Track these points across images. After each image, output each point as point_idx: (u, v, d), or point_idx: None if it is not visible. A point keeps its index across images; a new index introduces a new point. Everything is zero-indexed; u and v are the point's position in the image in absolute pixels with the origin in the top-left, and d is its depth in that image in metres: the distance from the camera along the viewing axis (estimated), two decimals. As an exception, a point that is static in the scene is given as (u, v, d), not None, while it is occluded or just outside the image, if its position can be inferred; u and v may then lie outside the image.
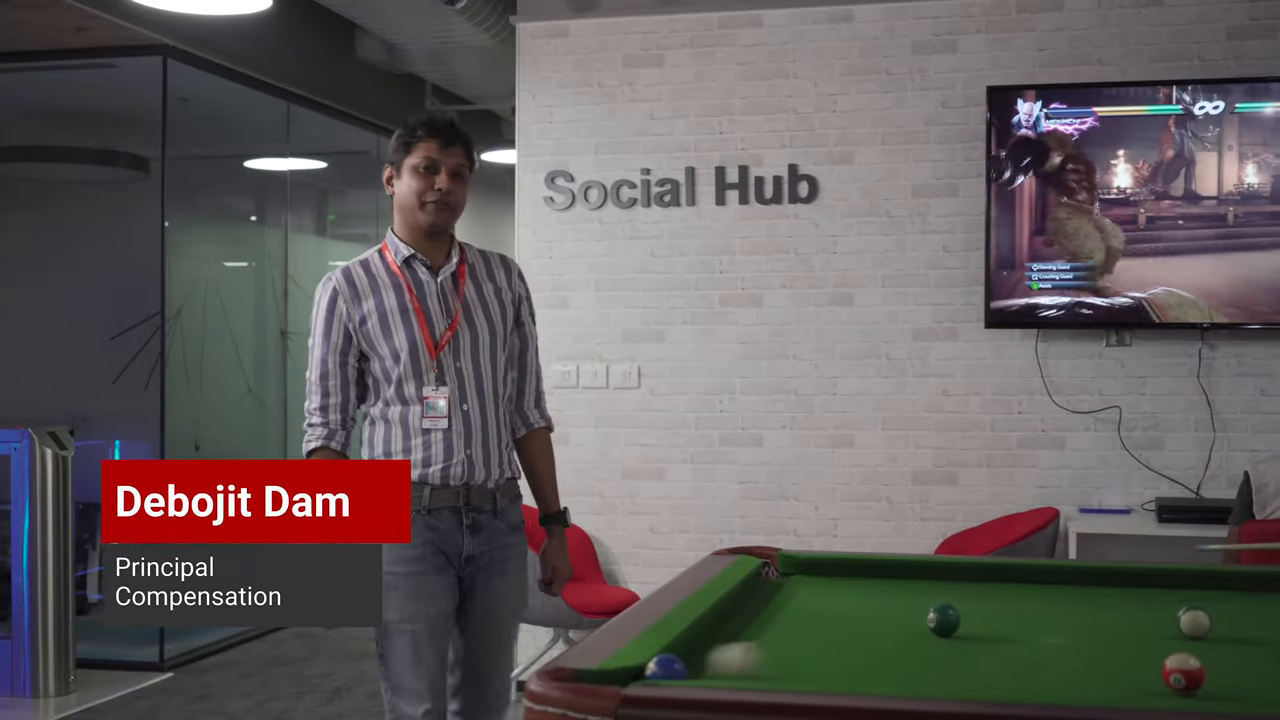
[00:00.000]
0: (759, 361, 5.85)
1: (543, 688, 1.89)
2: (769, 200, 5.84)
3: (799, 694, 1.90)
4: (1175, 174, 5.40)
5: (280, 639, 6.84)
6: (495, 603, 3.22)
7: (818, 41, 5.81)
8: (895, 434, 5.73)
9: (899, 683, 2.10)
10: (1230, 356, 5.47)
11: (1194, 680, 1.96)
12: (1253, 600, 2.82)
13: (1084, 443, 5.56)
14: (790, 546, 3.57)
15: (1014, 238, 5.50)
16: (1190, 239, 5.39)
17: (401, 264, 3.24)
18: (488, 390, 3.24)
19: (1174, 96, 5.37)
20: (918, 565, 3.24)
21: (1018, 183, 5.49)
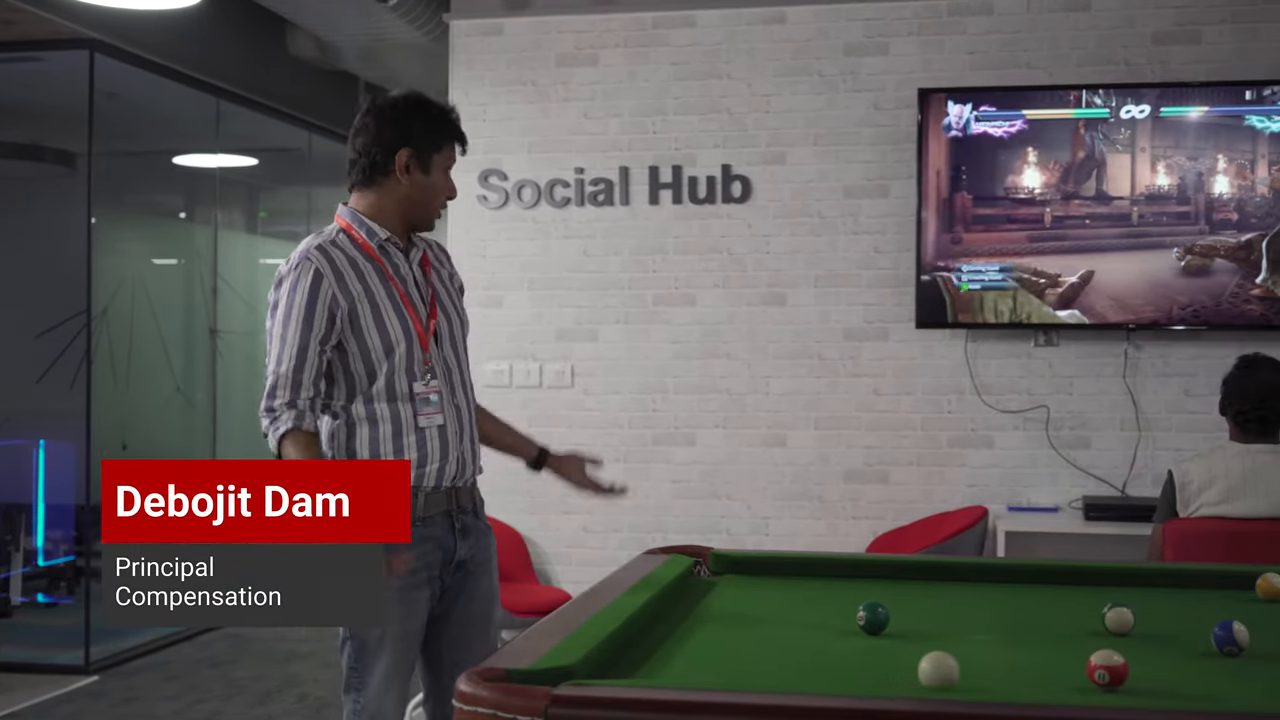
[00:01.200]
0: (692, 361, 5.86)
1: (472, 688, 1.88)
2: (702, 200, 5.85)
3: (728, 693, 1.90)
4: (1086, 175, 5.47)
5: (207, 641, 6.77)
6: (483, 607, 3.06)
7: (751, 42, 5.83)
8: (827, 433, 5.76)
9: (828, 681, 2.11)
10: (1155, 357, 5.55)
11: (1118, 676, 1.98)
12: (1175, 596, 2.86)
13: (1013, 442, 5.63)
14: (723, 545, 3.58)
15: (944, 238, 5.55)
16: (1104, 238, 5.47)
17: (377, 247, 2.98)
18: (466, 381, 3.09)
19: (1101, 100, 5.44)
20: (848, 564, 3.25)
21: (948, 184, 5.54)
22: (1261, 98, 5.35)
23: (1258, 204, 5.37)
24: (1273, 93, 5.35)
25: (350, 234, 2.99)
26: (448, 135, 3.03)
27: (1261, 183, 5.36)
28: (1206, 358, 5.41)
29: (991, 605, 2.82)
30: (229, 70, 7.04)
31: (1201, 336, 5.47)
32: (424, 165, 3.00)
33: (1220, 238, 5.39)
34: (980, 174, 5.53)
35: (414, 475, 2.91)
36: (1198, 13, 5.53)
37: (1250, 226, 5.36)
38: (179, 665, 6.29)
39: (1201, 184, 5.40)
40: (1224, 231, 5.39)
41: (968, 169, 5.53)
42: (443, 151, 3.02)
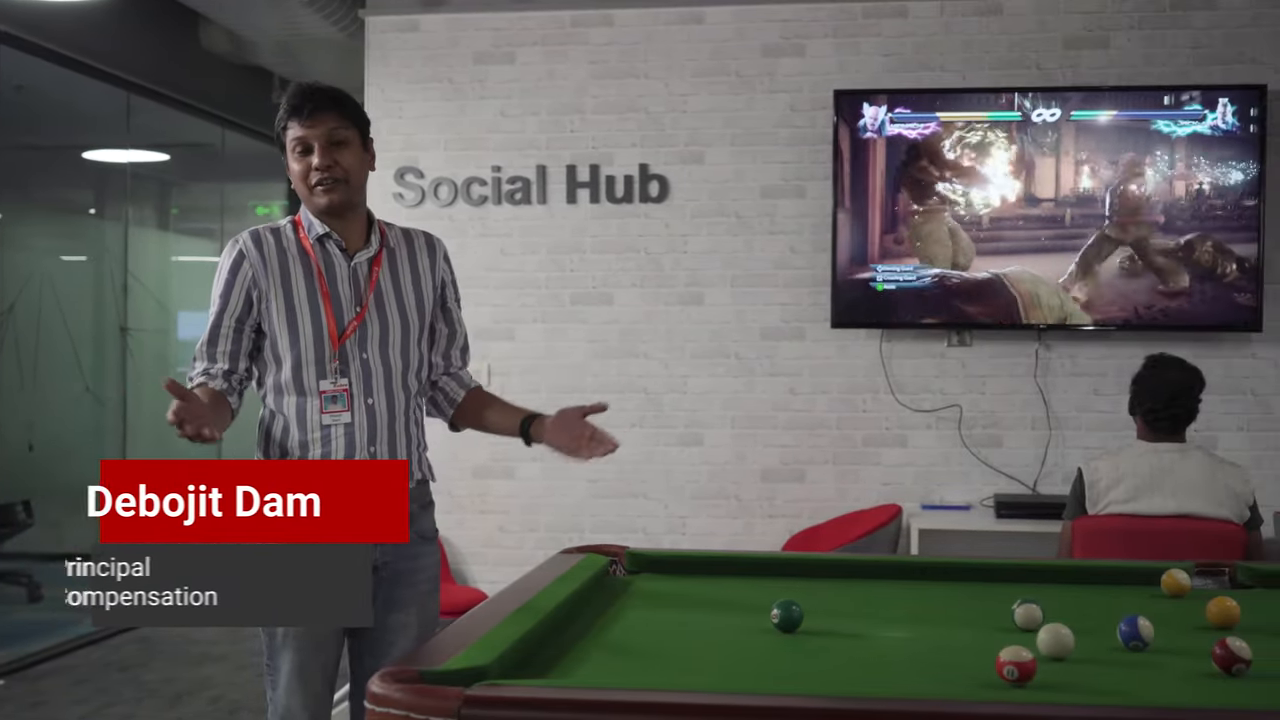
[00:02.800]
0: (609, 360, 5.86)
1: (384, 689, 1.86)
2: (620, 199, 5.86)
3: (642, 691, 1.90)
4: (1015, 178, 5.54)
5: (117, 644, 6.65)
6: (401, 617, 2.99)
7: (669, 42, 5.84)
8: (743, 432, 5.79)
9: (741, 679, 2.12)
10: (1065, 357, 5.64)
11: (1026, 672, 2.01)
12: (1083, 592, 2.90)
13: (926, 441, 5.69)
14: (639, 544, 3.58)
15: (861, 239, 5.59)
16: (1018, 240, 5.54)
17: (314, 242, 2.97)
18: (396, 385, 3.00)
19: (1014, 103, 5.52)
20: (763, 562, 3.27)
21: (864, 185, 5.59)
22: (1170, 103, 5.45)
23: (1165, 208, 5.47)
24: (1183, 98, 5.45)
25: (298, 228, 3.01)
26: (282, 119, 2.98)
27: (1168, 187, 5.46)
28: (1115, 358, 5.51)
29: (904, 602, 2.85)
30: (140, 64, 6.92)
31: (1111, 337, 5.56)
32: (284, 155, 3.00)
33: (1129, 240, 5.49)
34: (895, 176, 5.58)
35: None
36: (1106, 18, 5.63)
37: (1157, 230, 5.46)
38: (87, 669, 6.18)
39: (1111, 188, 5.49)
40: (1132, 234, 5.49)
41: (884, 170, 5.58)
42: (286, 137, 2.97)
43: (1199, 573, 3.01)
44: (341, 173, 2.95)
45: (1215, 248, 5.44)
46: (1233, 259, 5.42)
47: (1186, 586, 2.85)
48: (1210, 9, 5.58)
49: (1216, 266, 5.44)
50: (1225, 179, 5.43)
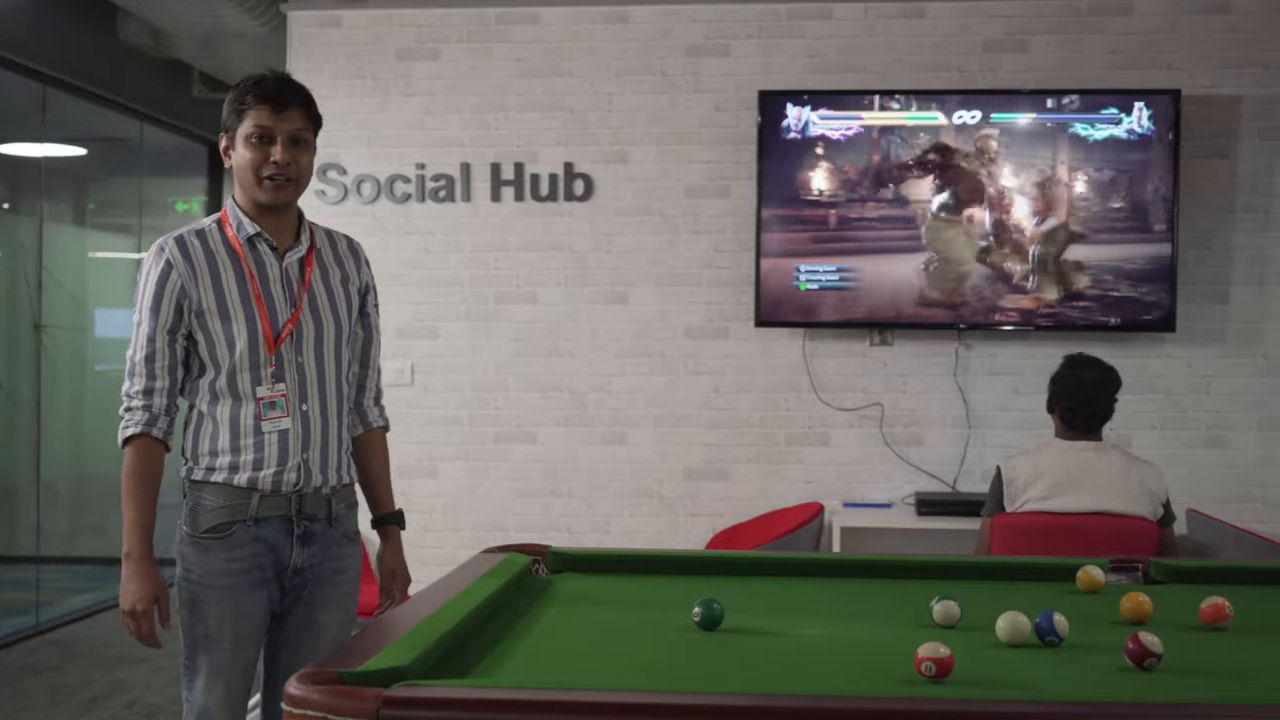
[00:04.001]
0: (533, 359, 5.85)
1: (302, 691, 1.84)
2: (544, 198, 5.84)
3: (561, 691, 1.90)
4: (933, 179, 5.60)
5: (33, 646, 6.53)
6: (321, 616, 2.98)
7: (594, 41, 5.84)
8: (667, 431, 5.80)
9: (662, 677, 2.12)
10: (985, 356, 5.71)
11: (944, 668, 2.03)
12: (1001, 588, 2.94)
13: (848, 439, 5.73)
14: (564, 543, 3.58)
15: (784, 239, 5.62)
16: (947, 240, 5.60)
17: (244, 242, 2.92)
18: (330, 389, 2.99)
19: (935, 105, 5.57)
20: (686, 561, 3.27)
21: (788, 185, 5.62)
22: (1087, 107, 5.53)
23: (1081, 210, 5.54)
24: (1100, 102, 5.53)
25: (224, 227, 2.95)
26: (243, 103, 2.91)
27: (1085, 189, 5.54)
28: (1034, 357, 5.59)
29: (825, 599, 2.87)
30: (57, 56, 6.79)
31: (1029, 337, 5.63)
32: (232, 141, 2.94)
33: (1048, 241, 5.56)
34: (819, 176, 5.61)
35: (249, 477, 2.89)
36: (1025, 22, 5.70)
37: (1074, 231, 5.54)
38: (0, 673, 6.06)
39: (1028, 189, 5.56)
40: (1051, 235, 5.56)
41: (807, 171, 5.61)
42: (244, 121, 2.90)
43: (1113, 569, 3.06)
44: (296, 173, 2.95)
45: (1131, 249, 5.53)
46: (1148, 260, 5.51)
47: (1101, 582, 2.89)
48: (1126, 15, 5.67)
49: (1132, 268, 5.52)
50: (1140, 182, 5.52)
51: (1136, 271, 5.52)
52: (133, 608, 2.82)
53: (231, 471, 2.89)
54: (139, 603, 2.82)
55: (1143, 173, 5.51)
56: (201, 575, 2.86)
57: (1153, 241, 5.51)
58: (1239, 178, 5.64)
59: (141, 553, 2.83)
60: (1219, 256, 5.66)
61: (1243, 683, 2.13)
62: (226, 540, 2.87)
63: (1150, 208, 5.52)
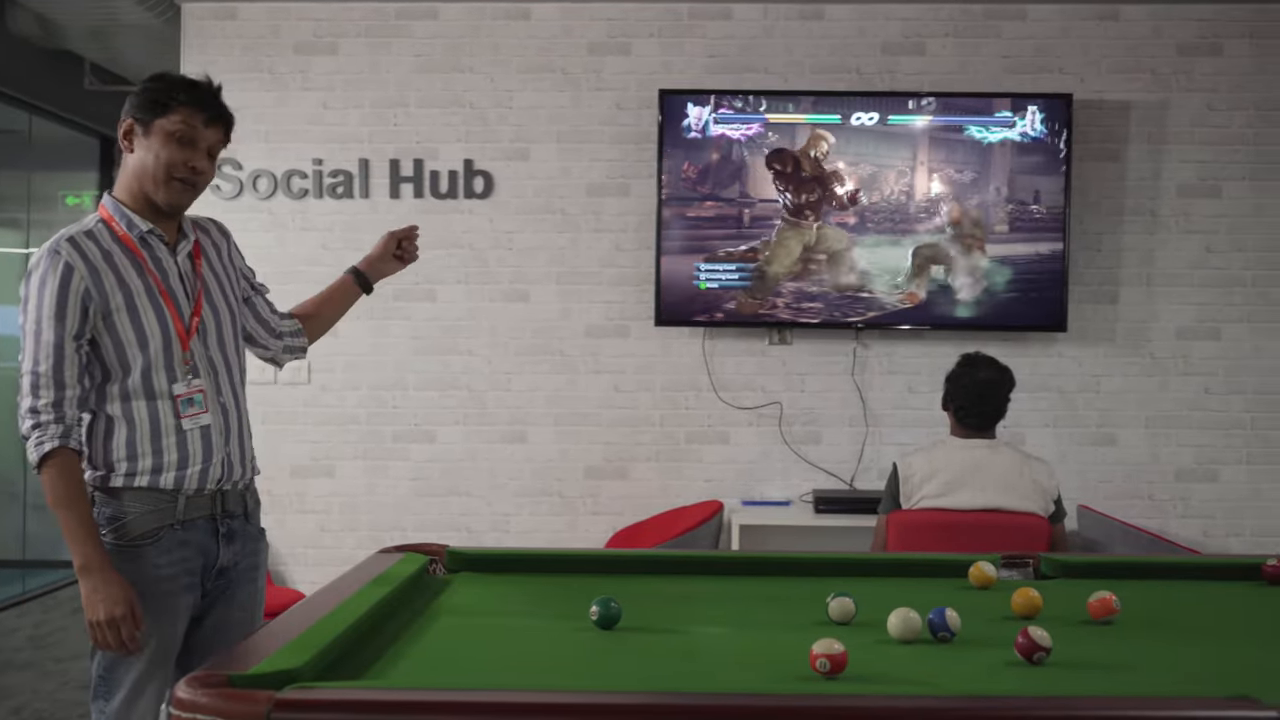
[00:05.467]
0: (432, 357, 5.81)
1: (191, 695, 1.81)
2: (444, 195, 5.80)
3: (456, 691, 1.89)
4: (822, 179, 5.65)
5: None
6: (241, 615, 2.95)
7: (495, 37, 5.81)
8: (567, 429, 5.79)
9: (558, 676, 2.11)
10: (882, 355, 5.77)
11: (838, 664, 2.05)
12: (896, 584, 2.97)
13: (747, 438, 5.77)
14: (463, 543, 3.56)
15: (685, 237, 5.64)
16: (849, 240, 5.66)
17: (138, 239, 2.85)
18: (236, 379, 2.98)
19: (834, 106, 5.62)
20: (585, 559, 3.27)
21: (689, 184, 5.63)
22: (982, 110, 5.62)
23: (977, 212, 5.63)
24: (995, 105, 5.62)
25: (110, 225, 2.87)
26: (177, 99, 2.86)
27: (980, 191, 5.63)
28: (929, 356, 5.66)
29: (723, 597, 2.88)
30: (-61, 46, 6.61)
31: (925, 336, 5.71)
32: (147, 133, 2.86)
33: (943, 241, 5.64)
34: (719, 175, 5.64)
35: (174, 478, 2.83)
36: (922, 25, 5.77)
37: (969, 232, 5.62)
38: (-121, 679, 5.89)
39: (925, 191, 5.63)
40: (947, 236, 5.64)
41: (706, 170, 5.63)
42: (168, 116, 2.84)
43: (1005, 564, 3.11)
44: (204, 183, 2.94)
45: (1024, 250, 5.62)
46: (1040, 261, 5.61)
47: (992, 578, 2.94)
48: (1021, 20, 5.77)
49: (1025, 268, 5.62)
50: (1033, 184, 5.61)
51: (1030, 272, 5.62)
52: (110, 615, 2.70)
53: (155, 474, 2.82)
54: (117, 607, 2.71)
55: (1035, 175, 5.61)
56: (131, 584, 2.76)
57: (1045, 243, 5.61)
58: (1127, 181, 5.77)
59: (101, 560, 2.73)
60: (1108, 258, 5.78)
61: (1129, 675, 2.17)
62: (155, 545, 2.81)
63: (1042, 210, 5.61)
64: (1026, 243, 5.62)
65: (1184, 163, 5.76)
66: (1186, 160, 5.76)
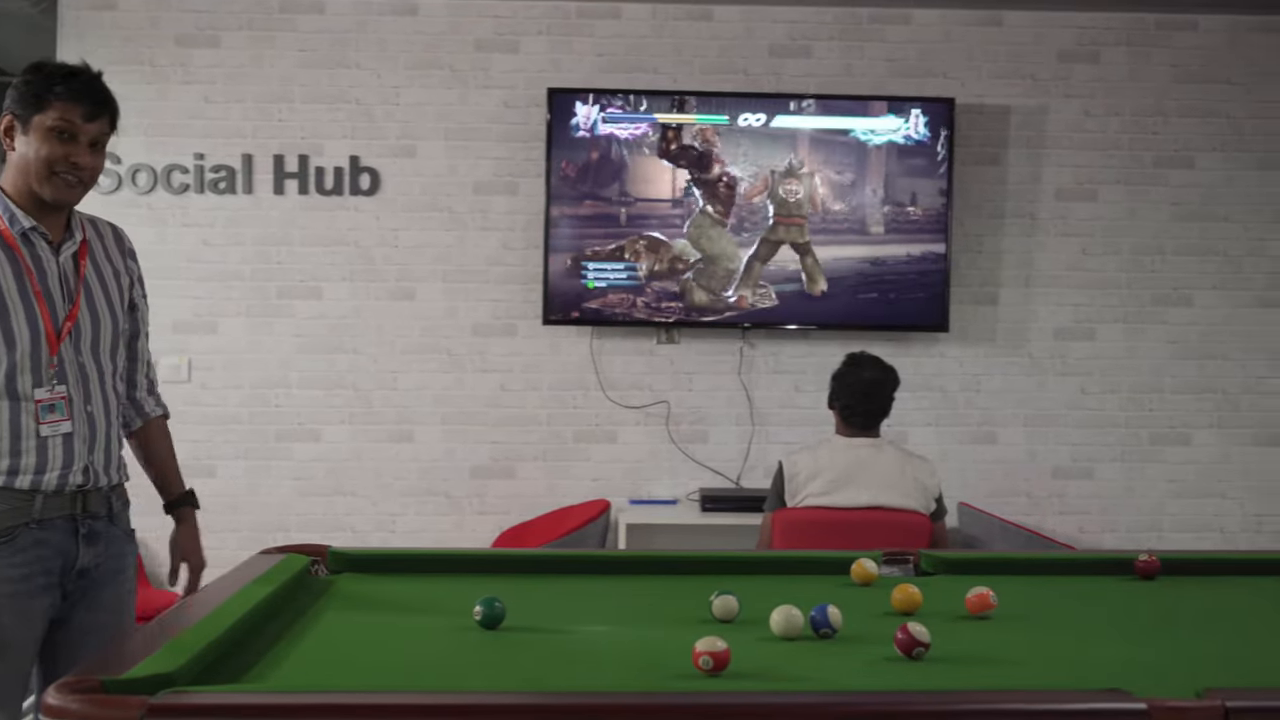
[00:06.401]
0: (317, 355, 5.73)
1: (60, 700, 1.76)
2: (329, 191, 5.74)
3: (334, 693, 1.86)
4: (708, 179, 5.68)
5: None
6: (107, 618, 2.87)
7: (381, 33, 5.75)
8: (454, 429, 5.76)
9: (440, 677, 2.09)
10: (768, 355, 5.82)
11: (721, 662, 2.05)
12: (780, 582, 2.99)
13: (635, 437, 5.78)
14: (348, 543, 3.52)
15: (573, 237, 5.63)
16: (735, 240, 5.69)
17: (19, 236, 2.76)
18: (108, 388, 2.88)
19: (722, 107, 5.65)
20: (470, 559, 3.24)
21: (577, 183, 5.63)
22: (866, 112, 5.68)
23: (862, 213, 5.70)
24: (879, 108, 5.69)
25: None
26: (53, 93, 2.75)
27: (865, 193, 5.70)
28: (815, 355, 5.72)
29: (608, 596, 2.87)
30: None
31: (811, 336, 5.77)
32: (25, 128, 2.77)
33: (827, 243, 5.70)
34: (599, 174, 5.64)
35: (30, 480, 2.75)
36: (809, 28, 5.83)
37: (853, 234, 5.69)
38: None
39: (811, 193, 5.69)
40: (831, 237, 5.70)
41: (595, 169, 5.63)
42: (45, 112, 2.75)
43: (886, 561, 3.14)
44: (90, 177, 2.83)
45: (907, 251, 5.70)
46: (923, 262, 5.70)
47: (874, 575, 2.97)
48: (905, 24, 5.85)
49: (908, 269, 5.70)
50: (917, 187, 5.70)
51: (913, 273, 5.70)
52: None
53: (11, 475, 2.74)
54: None
55: (918, 178, 5.70)
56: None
57: (927, 244, 5.70)
58: (1008, 184, 5.88)
59: None
60: (989, 259, 5.89)
61: (1005, 669, 2.21)
62: (10, 545, 2.72)
63: (925, 212, 5.70)
64: (908, 244, 5.70)
65: (1062, 167, 5.89)
66: (1064, 165, 5.89)
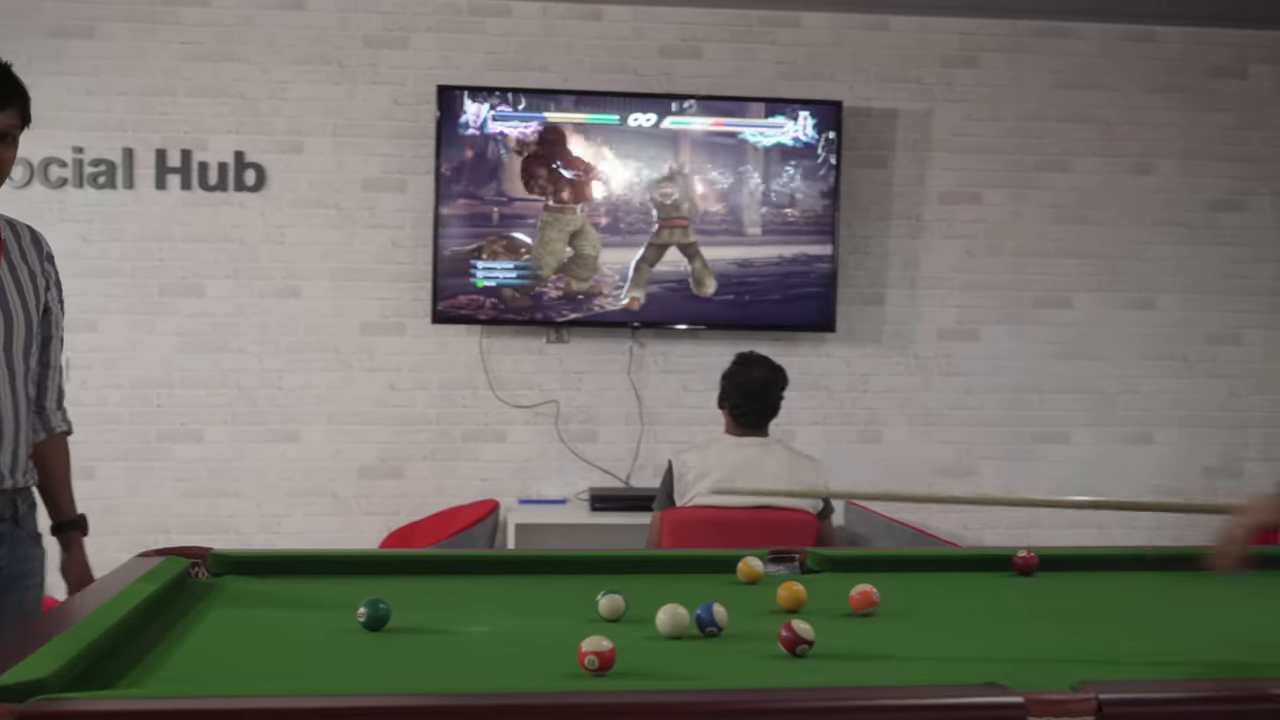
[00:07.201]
0: (200, 354, 5.64)
1: (-77, 709, 1.71)
2: (213, 187, 5.64)
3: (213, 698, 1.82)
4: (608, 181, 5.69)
5: None
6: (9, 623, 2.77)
7: (268, 26, 5.67)
8: (341, 428, 5.69)
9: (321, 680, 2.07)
10: (658, 354, 5.84)
11: (606, 661, 2.05)
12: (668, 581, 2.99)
13: (524, 436, 5.76)
14: (231, 545, 3.45)
15: (462, 235, 5.60)
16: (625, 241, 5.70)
17: None
18: (19, 389, 2.80)
19: (613, 107, 5.66)
20: (356, 560, 3.21)
21: (466, 181, 5.60)
22: (756, 114, 5.73)
23: (751, 214, 5.74)
24: (768, 110, 5.74)
25: None
26: None
27: (754, 194, 5.74)
28: (704, 355, 5.75)
29: (495, 597, 2.86)
30: None
31: (700, 335, 5.80)
32: None
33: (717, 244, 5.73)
34: (475, 173, 5.61)
35: None
36: (700, 30, 5.85)
37: (743, 235, 5.73)
38: None
39: (700, 194, 5.72)
40: (720, 238, 5.73)
41: (484, 167, 5.60)
42: None
43: (772, 559, 3.17)
44: (2, 170, 2.78)
45: (796, 253, 5.76)
46: (811, 263, 5.75)
47: (760, 573, 2.99)
48: (795, 27, 5.90)
49: (796, 270, 5.75)
50: (804, 189, 5.76)
51: (801, 274, 5.75)
52: None
53: None
54: None
55: (806, 180, 5.75)
56: None
57: (816, 245, 5.76)
58: (894, 187, 5.96)
59: None
60: (876, 261, 5.96)
61: (887, 665, 2.24)
62: None
63: (813, 214, 5.76)
64: (797, 245, 5.75)
65: (946, 170, 5.98)
66: (949, 168, 5.98)
